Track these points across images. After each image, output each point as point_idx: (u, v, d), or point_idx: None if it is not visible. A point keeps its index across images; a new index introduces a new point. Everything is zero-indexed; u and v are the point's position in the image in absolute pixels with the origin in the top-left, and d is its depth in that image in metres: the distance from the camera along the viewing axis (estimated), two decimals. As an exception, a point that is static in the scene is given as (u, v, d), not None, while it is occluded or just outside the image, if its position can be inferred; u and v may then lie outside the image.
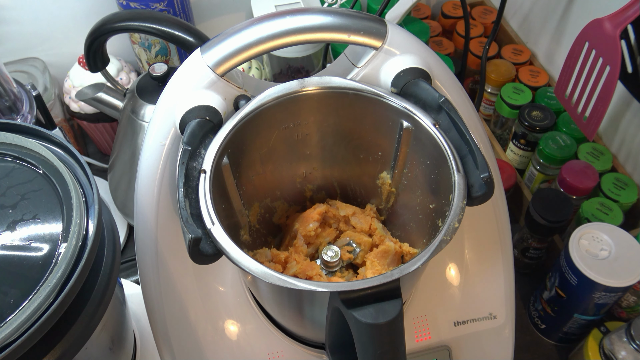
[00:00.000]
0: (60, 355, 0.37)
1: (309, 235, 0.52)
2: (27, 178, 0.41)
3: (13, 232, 0.38)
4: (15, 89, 0.67)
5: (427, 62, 0.47)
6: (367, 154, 0.51)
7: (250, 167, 0.48)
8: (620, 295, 0.61)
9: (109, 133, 0.85)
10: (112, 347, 0.49)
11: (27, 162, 0.42)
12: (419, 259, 0.37)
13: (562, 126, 0.77)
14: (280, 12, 0.46)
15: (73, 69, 0.82)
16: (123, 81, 0.82)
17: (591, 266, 0.59)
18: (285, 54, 0.80)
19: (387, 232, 0.53)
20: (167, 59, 0.85)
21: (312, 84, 0.46)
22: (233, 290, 0.51)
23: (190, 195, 0.39)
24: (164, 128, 0.45)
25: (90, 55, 0.64)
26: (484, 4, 0.98)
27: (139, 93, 0.68)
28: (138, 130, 0.68)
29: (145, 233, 0.46)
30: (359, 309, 0.35)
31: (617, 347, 0.57)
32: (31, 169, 0.41)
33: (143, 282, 0.48)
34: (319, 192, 0.56)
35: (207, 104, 0.44)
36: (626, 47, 0.62)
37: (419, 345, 0.51)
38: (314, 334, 0.50)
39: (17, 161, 0.42)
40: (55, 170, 0.41)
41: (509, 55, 0.88)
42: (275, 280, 0.36)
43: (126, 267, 0.73)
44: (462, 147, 0.42)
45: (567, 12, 0.81)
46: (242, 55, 0.44)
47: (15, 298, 0.34)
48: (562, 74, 0.68)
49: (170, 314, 0.48)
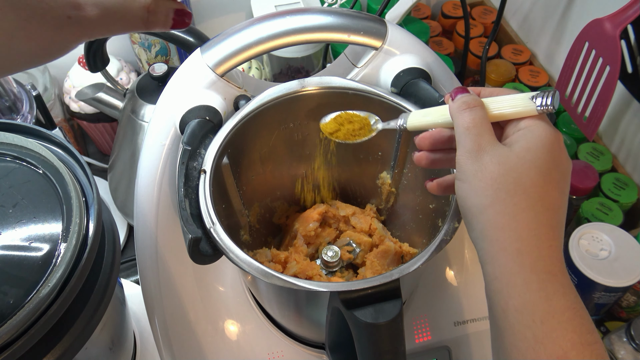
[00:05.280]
0: (60, 355, 0.37)
1: (309, 235, 0.52)
2: (27, 178, 0.41)
3: (13, 232, 0.38)
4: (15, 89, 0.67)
5: (427, 62, 0.47)
6: (367, 154, 0.51)
7: (250, 167, 0.48)
8: (620, 295, 0.61)
9: (109, 133, 0.85)
10: (112, 347, 0.49)
11: (27, 162, 0.42)
12: (419, 259, 0.37)
13: (562, 126, 0.77)
14: (280, 12, 0.46)
15: (73, 69, 0.82)
16: (123, 81, 0.82)
17: (591, 266, 0.59)
18: (285, 54, 0.80)
19: (387, 232, 0.53)
20: (167, 59, 0.85)
21: (312, 84, 0.46)
22: (233, 290, 0.51)
23: (190, 195, 0.39)
24: (164, 128, 0.45)
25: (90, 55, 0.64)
26: (484, 4, 0.98)
27: (139, 93, 0.68)
28: (138, 130, 0.68)
29: (145, 233, 0.46)
30: (359, 309, 0.35)
31: (616, 347, 0.57)
32: (31, 169, 0.41)
33: (143, 282, 0.48)
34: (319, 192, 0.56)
35: (207, 104, 0.44)
36: (626, 47, 0.62)
37: (419, 345, 0.51)
38: (314, 334, 0.50)
39: (17, 161, 0.42)
40: (55, 170, 0.41)
41: (509, 55, 0.88)
42: (275, 280, 0.36)
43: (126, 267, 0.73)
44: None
45: (567, 12, 0.81)
46: (242, 55, 0.44)
47: (15, 298, 0.34)
48: (562, 74, 0.68)
49: (170, 314, 0.48)
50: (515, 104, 0.34)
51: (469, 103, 0.34)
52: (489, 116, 0.34)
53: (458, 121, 0.34)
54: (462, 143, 0.34)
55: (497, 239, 0.32)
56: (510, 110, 0.34)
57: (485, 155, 0.33)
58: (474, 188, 0.33)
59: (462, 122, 0.34)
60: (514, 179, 0.32)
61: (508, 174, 0.32)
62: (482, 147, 0.33)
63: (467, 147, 0.33)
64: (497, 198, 0.32)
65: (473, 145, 0.33)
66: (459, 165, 0.34)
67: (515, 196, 0.31)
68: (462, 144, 0.34)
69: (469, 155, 0.33)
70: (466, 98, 0.35)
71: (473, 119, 0.34)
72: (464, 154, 0.33)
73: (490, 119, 0.34)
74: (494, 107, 0.35)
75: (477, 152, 0.33)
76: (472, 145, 0.33)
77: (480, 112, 0.34)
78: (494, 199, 0.32)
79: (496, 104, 0.35)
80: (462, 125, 0.34)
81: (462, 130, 0.34)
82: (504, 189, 0.32)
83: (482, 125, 0.33)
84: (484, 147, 0.33)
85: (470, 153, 0.33)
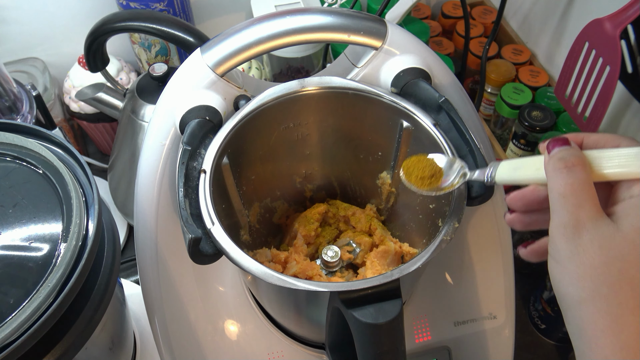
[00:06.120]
0: (60, 355, 0.37)
1: (309, 235, 0.52)
2: (27, 178, 0.41)
3: (13, 232, 0.38)
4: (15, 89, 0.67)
5: (427, 62, 0.47)
6: (367, 154, 0.51)
7: (250, 167, 0.48)
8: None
9: (109, 133, 0.85)
10: (112, 347, 0.49)
11: (27, 162, 0.42)
12: (419, 259, 0.37)
13: (562, 126, 0.77)
14: (280, 12, 0.46)
15: (73, 69, 0.82)
16: (123, 81, 0.82)
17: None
18: (285, 54, 0.80)
19: (387, 232, 0.53)
20: (167, 59, 0.85)
21: (312, 84, 0.46)
22: (233, 290, 0.51)
23: (190, 195, 0.39)
24: (164, 128, 0.45)
25: (90, 55, 0.64)
26: (484, 4, 0.98)
27: (139, 93, 0.68)
28: (138, 130, 0.68)
29: (145, 233, 0.46)
30: (359, 309, 0.35)
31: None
32: (31, 169, 0.41)
33: (143, 282, 0.48)
34: (319, 192, 0.56)
35: (207, 104, 0.44)
36: (626, 47, 0.62)
37: (419, 345, 0.51)
38: (314, 334, 0.50)
39: (17, 161, 0.42)
40: (55, 170, 0.41)
41: (509, 55, 0.88)
42: (275, 280, 0.36)
43: (126, 267, 0.74)
44: (462, 147, 0.42)
45: (567, 12, 0.81)
46: (242, 55, 0.44)
47: (15, 298, 0.34)
48: (562, 74, 0.68)
49: (170, 314, 0.48)
50: (625, 162, 0.28)
51: (568, 161, 0.28)
52: (594, 175, 0.28)
53: (553, 185, 0.29)
54: (556, 213, 0.28)
55: (597, 344, 0.26)
56: (620, 170, 0.28)
57: (584, 233, 0.27)
58: (569, 274, 0.27)
59: (558, 186, 0.28)
60: (619, 270, 0.26)
61: (612, 263, 0.26)
62: (581, 223, 0.27)
63: (563, 220, 0.28)
64: (597, 292, 0.26)
65: (570, 219, 0.27)
66: (552, 240, 0.28)
67: (621, 293, 0.26)
68: (557, 215, 0.28)
69: (564, 231, 0.28)
70: (564, 153, 0.29)
71: (571, 183, 0.28)
72: (558, 227, 0.28)
73: (595, 178, 0.28)
74: (600, 165, 0.28)
75: (574, 227, 0.27)
76: (569, 219, 0.28)
77: (581, 175, 0.28)
78: (593, 292, 0.26)
79: (603, 161, 0.28)
80: (557, 191, 0.28)
81: (557, 197, 0.28)
82: (606, 282, 0.26)
83: (582, 192, 0.28)
84: (583, 222, 0.27)
85: (566, 228, 0.28)
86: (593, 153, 0.29)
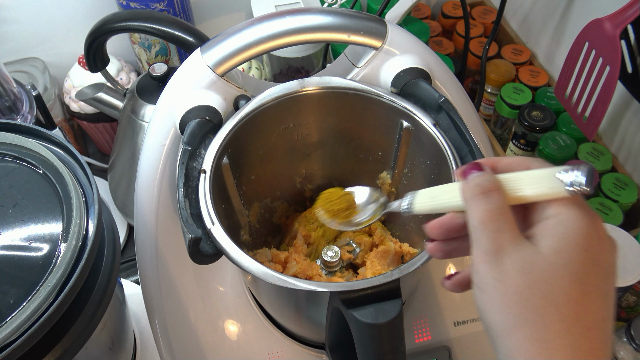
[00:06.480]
0: (60, 355, 0.37)
1: (309, 235, 0.52)
2: (27, 178, 0.41)
3: (13, 232, 0.38)
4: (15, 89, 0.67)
5: (427, 62, 0.47)
6: (367, 154, 0.51)
7: (250, 167, 0.48)
8: (620, 295, 0.61)
9: (109, 133, 0.85)
10: (112, 347, 0.49)
11: (27, 162, 0.42)
12: (419, 259, 0.37)
13: (562, 126, 0.77)
14: (280, 12, 0.46)
15: (73, 69, 0.82)
16: (123, 81, 0.82)
17: (591, 266, 0.59)
18: (285, 54, 0.80)
19: (387, 232, 0.53)
20: (167, 59, 0.85)
21: (312, 84, 0.46)
22: (233, 290, 0.51)
23: (190, 195, 0.39)
24: (164, 128, 0.45)
25: (90, 55, 0.64)
26: (484, 4, 0.98)
27: (139, 93, 0.68)
28: (138, 130, 0.68)
29: (145, 233, 0.46)
30: (359, 309, 0.35)
31: (616, 347, 0.57)
32: (31, 169, 0.41)
33: (143, 282, 0.48)
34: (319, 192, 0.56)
35: (207, 104, 0.44)
36: (626, 47, 0.62)
37: (419, 345, 0.51)
38: (314, 334, 0.50)
39: (17, 161, 0.42)
40: (55, 170, 0.41)
41: (509, 55, 0.88)
42: (275, 280, 0.36)
43: (126, 267, 0.73)
44: (462, 147, 0.42)
45: (567, 12, 0.81)
46: (242, 55, 0.44)
47: (15, 298, 0.34)
48: (562, 74, 0.68)
49: (170, 314, 0.48)
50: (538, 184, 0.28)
51: (484, 187, 0.28)
52: (509, 199, 0.28)
53: (472, 212, 0.28)
54: (477, 241, 0.28)
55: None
56: (532, 192, 0.28)
57: (506, 258, 0.27)
58: (494, 301, 0.27)
59: (476, 213, 0.28)
60: (543, 293, 0.26)
61: (535, 287, 0.26)
62: (502, 248, 0.27)
63: (484, 247, 0.27)
64: (523, 318, 0.26)
65: (491, 245, 0.27)
66: (475, 268, 0.28)
67: (546, 316, 0.26)
68: (478, 242, 0.28)
69: (486, 258, 0.27)
70: (480, 179, 0.29)
71: (489, 209, 0.28)
72: (480, 254, 0.28)
73: (511, 201, 0.28)
74: (513, 187, 0.28)
75: (495, 253, 0.27)
76: (490, 245, 0.27)
77: (497, 200, 0.28)
78: (519, 319, 0.26)
79: (516, 183, 0.28)
80: (476, 218, 0.28)
81: (476, 225, 0.28)
82: (531, 307, 0.26)
83: (500, 217, 0.27)
84: (504, 247, 0.27)
85: (488, 255, 0.27)
86: (506, 176, 0.29)
